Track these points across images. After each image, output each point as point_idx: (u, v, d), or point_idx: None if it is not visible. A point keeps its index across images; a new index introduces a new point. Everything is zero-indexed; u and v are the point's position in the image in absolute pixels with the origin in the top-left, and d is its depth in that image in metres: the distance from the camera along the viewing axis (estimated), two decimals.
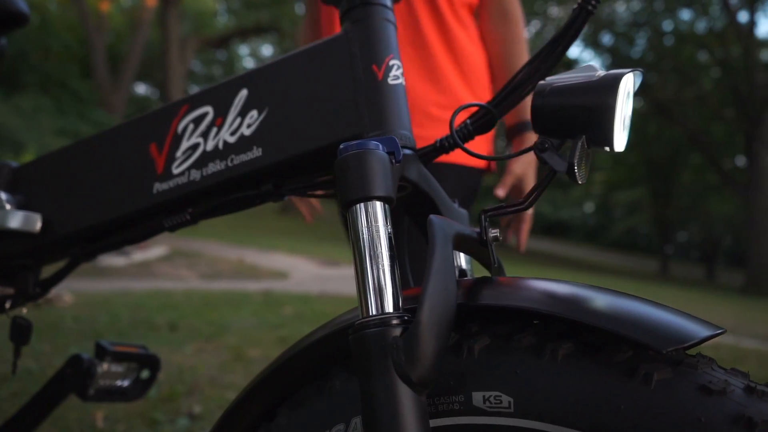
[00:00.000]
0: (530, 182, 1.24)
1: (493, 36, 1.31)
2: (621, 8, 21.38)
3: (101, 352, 0.98)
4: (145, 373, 1.06)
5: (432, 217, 0.56)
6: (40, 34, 16.18)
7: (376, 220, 0.53)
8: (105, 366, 0.98)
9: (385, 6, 0.68)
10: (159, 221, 0.77)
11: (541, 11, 22.98)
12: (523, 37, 1.34)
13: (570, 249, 25.86)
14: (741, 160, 20.67)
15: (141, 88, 27.14)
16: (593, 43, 22.41)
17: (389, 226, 0.54)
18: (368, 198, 0.54)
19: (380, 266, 0.52)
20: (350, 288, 6.65)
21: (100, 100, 15.81)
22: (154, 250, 7.98)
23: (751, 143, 17.69)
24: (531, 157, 1.22)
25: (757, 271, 17.08)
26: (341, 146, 0.56)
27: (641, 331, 0.47)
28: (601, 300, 0.51)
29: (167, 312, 4.45)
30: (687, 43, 19.87)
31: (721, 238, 27.75)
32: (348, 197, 0.54)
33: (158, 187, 0.76)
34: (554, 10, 22.89)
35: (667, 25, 20.66)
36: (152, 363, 1.06)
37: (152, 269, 7.22)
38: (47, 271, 0.95)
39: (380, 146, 0.56)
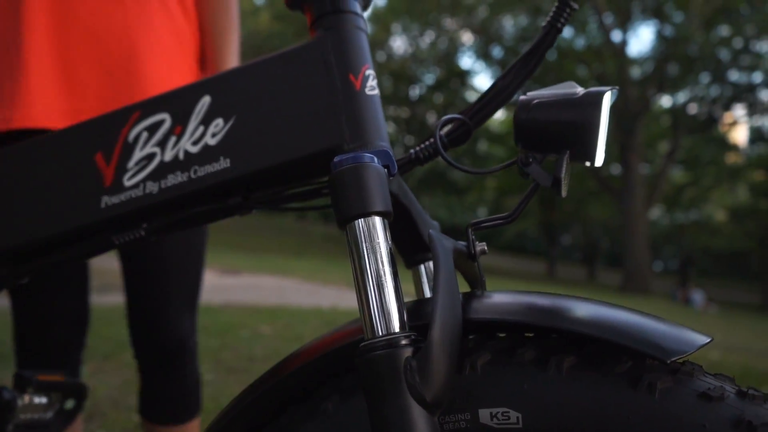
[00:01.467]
0: None
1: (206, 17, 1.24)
2: (509, 23, 22.54)
3: (21, 383, 0.87)
4: (69, 404, 0.97)
5: (432, 231, 0.55)
6: None
7: (377, 236, 0.52)
8: (26, 398, 0.88)
9: (357, 14, 0.66)
10: (107, 238, 0.70)
11: (435, 22, 23.71)
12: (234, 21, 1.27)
13: None
14: (616, 169, 22.33)
15: None
16: (484, 56, 23.45)
17: (390, 242, 0.53)
18: (368, 213, 0.52)
19: (384, 284, 0.50)
20: (255, 297, 6.47)
21: None
22: None
23: (625, 153, 19.23)
24: None
25: (632, 270, 18.58)
26: (335, 159, 0.53)
27: (645, 342, 0.48)
28: (595, 311, 0.52)
29: None
30: (568, 59, 21.27)
31: (600, 241, 29.90)
32: (346, 213, 0.52)
33: (107, 200, 0.69)
34: (447, 21, 23.67)
35: None
36: (79, 392, 0.96)
37: None
38: None
39: (375, 159, 0.54)
